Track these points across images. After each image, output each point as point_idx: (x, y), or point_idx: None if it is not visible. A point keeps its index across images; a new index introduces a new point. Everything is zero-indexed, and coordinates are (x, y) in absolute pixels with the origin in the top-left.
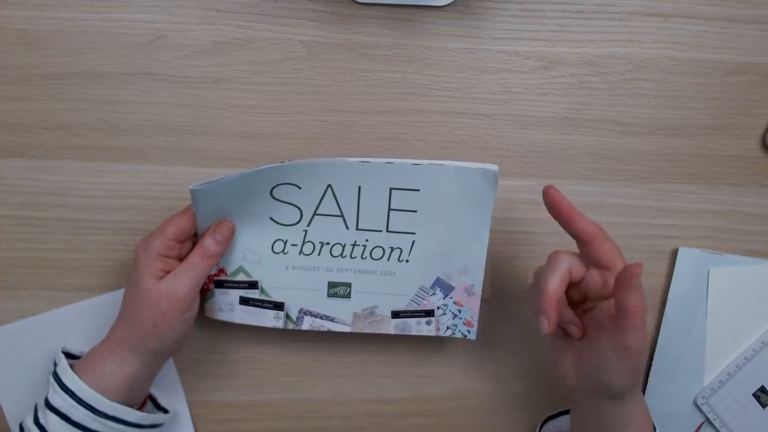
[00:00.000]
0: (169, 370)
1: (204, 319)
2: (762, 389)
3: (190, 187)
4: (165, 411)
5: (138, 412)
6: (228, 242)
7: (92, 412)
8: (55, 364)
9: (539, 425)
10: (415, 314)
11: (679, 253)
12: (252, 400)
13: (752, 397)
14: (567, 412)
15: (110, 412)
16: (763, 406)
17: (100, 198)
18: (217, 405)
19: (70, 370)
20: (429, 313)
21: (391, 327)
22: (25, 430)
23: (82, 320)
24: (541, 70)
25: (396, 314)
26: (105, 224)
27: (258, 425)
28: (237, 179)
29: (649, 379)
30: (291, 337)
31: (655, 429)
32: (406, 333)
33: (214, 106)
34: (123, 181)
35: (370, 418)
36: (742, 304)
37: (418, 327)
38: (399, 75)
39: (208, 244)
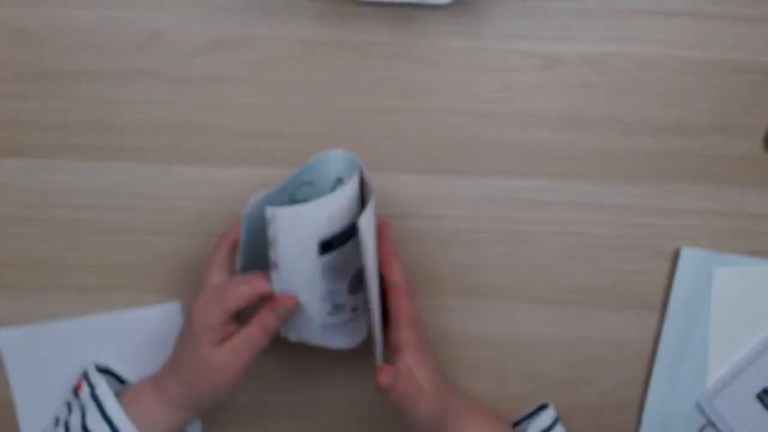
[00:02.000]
0: None
1: None
2: (765, 391)
3: (245, 210)
4: None
5: None
6: (284, 319)
7: None
8: (91, 384)
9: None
10: None
11: (681, 253)
12: (252, 400)
13: (755, 398)
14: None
15: None
16: (767, 408)
17: (99, 197)
18: (218, 405)
19: (112, 397)
20: None
21: None
22: None
23: (111, 333)
24: (543, 68)
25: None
26: (103, 223)
27: (258, 425)
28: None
29: (651, 380)
30: None
31: None
32: None
33: (213, 105)
34: (121, 180)
35: (370, 418)
36: (745, 305)
37: None
38: (399, 74)
39: (270, 320)
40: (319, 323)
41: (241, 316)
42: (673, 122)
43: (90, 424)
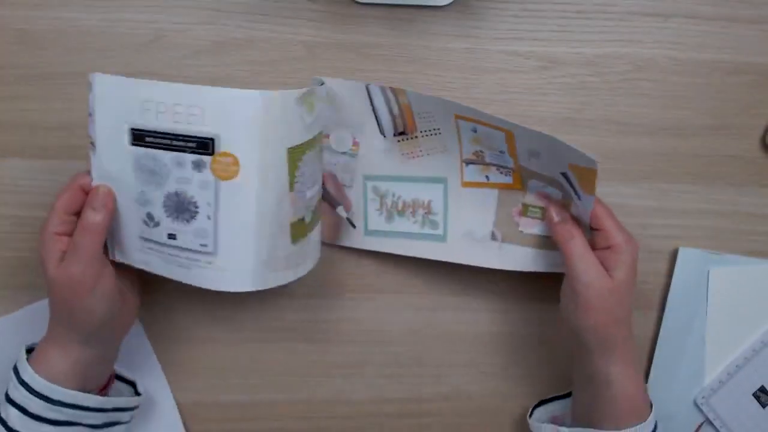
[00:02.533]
0: (149, 357)
1: (204, 320)
2: (762, 389)
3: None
4: (138, 393)
5: (97, 397)
6: (111, 206)
7: (47, 402)
8: (18, 359)
9: (530, 409)
10: None
11: (679, 253)
12: (252, 400)
13: (752, 397)
14: (561, 396)
15: (66, 400)
16: (763, 406)
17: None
18: (217, 405)
19: (25, 363)
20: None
21: None
22: None
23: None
24: (541, 70)
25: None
26: None
27: (258, 425)
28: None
29: (649, 378)
30: (291, 337)
31: (651, 406)
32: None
33: None
34: None
35: (370, 418)
36: (742, 304)
37: None
38: (399, 75)
39: (88, 214)
40: (136, 234)
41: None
42: (671, 123)
43: (11, 392)
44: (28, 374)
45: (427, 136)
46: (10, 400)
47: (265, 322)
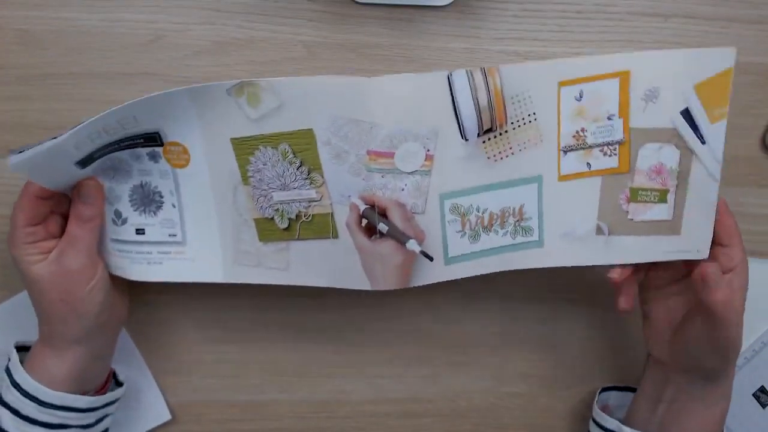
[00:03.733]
0: (126, 343)
1: (203, 320)
2: (762, 389)
3: (11, 162)
4: (121, 383)
5: (87, 398)
6: (100, 198)
7: (39, 404)
8: (9, 360)
9: (598, 392)
10: None
11: None
12: (252, 400)
13: (752, 397)
14: (621, 388)
15: (57, 402)
16: (763, 406)
17: None
18: (217, 405)
19: (19, 365)
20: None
21: None
22: None
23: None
24: None
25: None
26: None
27: (258, 425)
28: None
29: None
30: (291, 336)
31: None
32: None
33: None
34: None
35: (370, 418)
36: None
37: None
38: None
39: (81, 209)
40: (108, 236)
41: None
42: None
43: (4, 393)
44: (20, 375)
45: (519, 126)
46: (3, 402)
47: (264, 322)
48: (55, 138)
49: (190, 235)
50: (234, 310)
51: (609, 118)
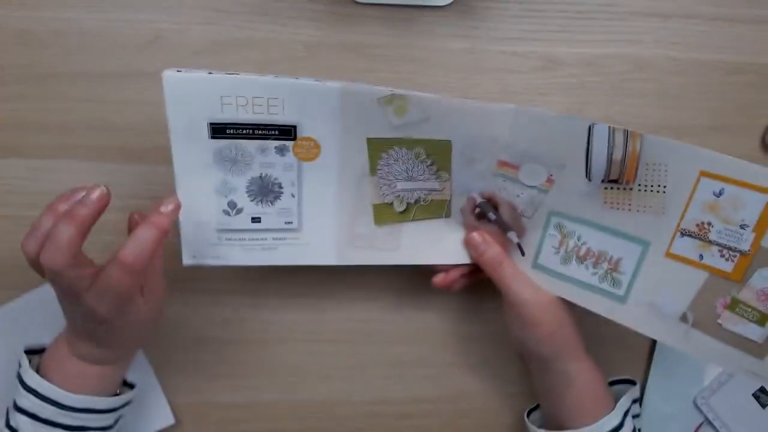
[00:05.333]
0: None
1: (203, 320)
2: (762, 389)
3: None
4: (131, 386)
5: (107, 399)
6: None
7: (59, 408)
8: (20, 365)
9: (527, 411)
10: None
11: None
12: (252, 400)
13: (752, 397)
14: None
15: (78, 405)
16: (763, 407)
17: None
18: (217, 405)
19: (31, 371)
20: None
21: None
22: None
23: (40, 309)
24: (542, 70)
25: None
26: (104, 224)
27: (258, 425)
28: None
29: (649, 378)
30: (291, 336)
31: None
32: None
33: None
34: (122, 182)
35: (370, 418)
36: None
37: None
38: (399, 75)
39: (162, 221)
40: (213, 229)
41: None
42: (671, 123)
43: (19, 400)
44: (36, 382)
45: (646, 191)
46: (19, 409)
47: (264, 322)
48: (211, 73)
49: (307, 222)
50: (234, 310)
51: (742, 227)
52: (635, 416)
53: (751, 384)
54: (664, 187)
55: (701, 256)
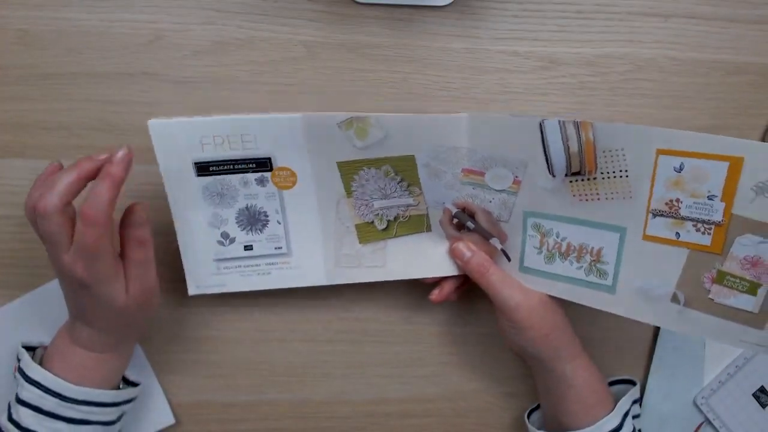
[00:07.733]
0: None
1: (203, 321)
2: (762, 389)
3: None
4: (135, 384)
5: (110, 392)
6: (148, 222)
7: (61, 399)
8: (19, 360)
9: (528, 411)
10: None
11: None
12: (252, 400)
13: (752, 397)
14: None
15: (80, 397)
16: (763, 407)
17: None
18: (217, 405)
19: (33, 363)
20: None
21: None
22: (2, 428)
23: (40, 310)
24: (541, 70)
25: None
26: None
27: (258, 425)
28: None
29: (649, 378)
30: (291, 336)
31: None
32: None
33: (215, 107)
34: None
35: (370, 418)
36: None
37: None
38: (399, 75)
39: (141, 234)
40: (211, 258)
41: None
42: (671, 123)
43: (20, 392)
44: (39, 373)
45: (609, 178)
46: (21, 401)
47: (264, 322)
48: (189, 118)
49: (295, 246)
50: (234, 310)
51: (710, 198)
52: (635, 417)
53: (751, 384)
54: (626, 171)
55: (677, 234)
